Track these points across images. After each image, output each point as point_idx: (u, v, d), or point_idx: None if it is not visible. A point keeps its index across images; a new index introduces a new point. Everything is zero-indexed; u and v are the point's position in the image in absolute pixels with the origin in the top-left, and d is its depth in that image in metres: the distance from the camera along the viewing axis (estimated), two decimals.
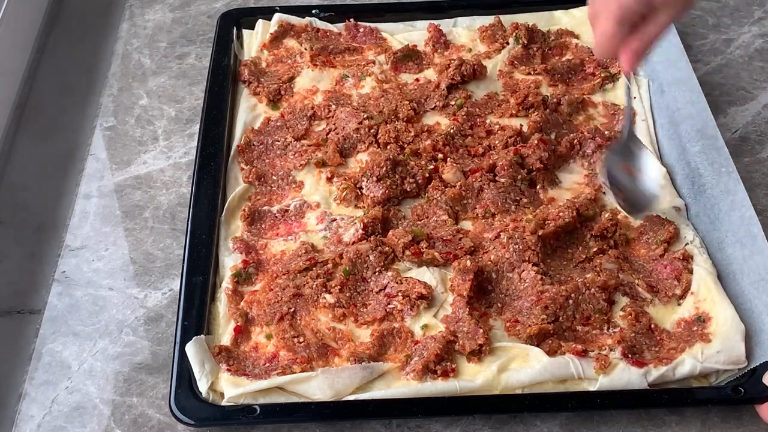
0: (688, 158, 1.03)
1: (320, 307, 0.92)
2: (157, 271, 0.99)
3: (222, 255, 0.97)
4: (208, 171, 1.03)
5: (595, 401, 0.84)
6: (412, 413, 0.84)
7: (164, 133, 1.15)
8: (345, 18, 1.25)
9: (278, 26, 1.22)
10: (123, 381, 0.90)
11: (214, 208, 0.99)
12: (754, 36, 1.28)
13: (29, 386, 0.89)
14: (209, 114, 1.10)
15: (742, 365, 0.86)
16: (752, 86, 1.20)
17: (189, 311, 0.89)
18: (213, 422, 0.83)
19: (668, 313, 0.92)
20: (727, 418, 0.86)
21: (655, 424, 0.86)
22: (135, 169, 1.10)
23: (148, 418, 0.87)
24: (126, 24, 1.31)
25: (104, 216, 1.05)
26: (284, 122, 1.11)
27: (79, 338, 0.93)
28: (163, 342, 0.92)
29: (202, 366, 0.85)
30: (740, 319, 0.88)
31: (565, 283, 0.93)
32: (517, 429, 0.85)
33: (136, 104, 1.19)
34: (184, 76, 1.23)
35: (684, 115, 1.07)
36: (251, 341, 0.90)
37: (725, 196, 0.97)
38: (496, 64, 1.18)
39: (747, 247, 0.93)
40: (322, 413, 0.84)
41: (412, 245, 0.96)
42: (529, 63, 1.19)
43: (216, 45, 1.19)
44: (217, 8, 1.33)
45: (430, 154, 1.05)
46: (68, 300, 0.96)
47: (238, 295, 0.93)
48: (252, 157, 1.08)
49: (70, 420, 0.87)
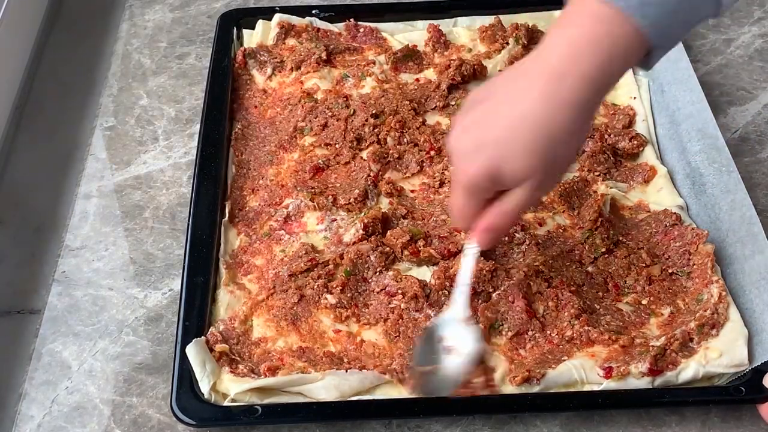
0: (688, 158, 1.04)
1: (322, 308, 0.92)
2: (157, 271, 0.99)
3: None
4: (208, 171, 1.03)
5: (596, 401, 0.84)
6: (412, 413, 0.84)
7: (164, 133, 1.15)
8: (345, 18, 1.25)
9: (279, 29, 1.22)
10: (123, 381, 0.89)
11: (214, 208, 0.99)
12: (754, 36, 1.28)
13: (29, 386, 0.89)
14: (209, 114, 1.10)
15: (744, 368, 0.86)
16: (752, 86, 1.20)
17: (189, 311, 0.89)
18: (214, 422, 0.83)
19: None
20: (727, 418, 0.86)
21: (655, 424, 0.86)
22: (135, 169, 1.10)
23: (148, 419, 0.87)
24: (126, 24, 1.31)
25: (104, 216, 1.05)
26: (274, 129, 1.11)
27: (79, 338, 0.93)
28: (164, 342, 0.92)
29: (203, 367, 0.85)
30: (742, 320, 0.88)
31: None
32: (517, 429, 0.85)
33: (136, 104, 1.19)
34: (184, 76, 1.23)
35: (684, 114, 1.07)
36: (258, 346, 0.89)
37: (725, 196, 0.97)
38: (496, 65, 1.18)
39: (747, 247, 0.93)
40: (323, 413, 0.84)
41: (410, 244, 0.96)
42: None
43: (216, 45, 1.19)
44: (217, 8, 1.33)
45: (428, 144, 1.06)
46: (68, 300, 0.96)
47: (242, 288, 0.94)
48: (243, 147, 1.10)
49: (70, 420, 0.87)
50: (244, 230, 1.00)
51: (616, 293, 0.93)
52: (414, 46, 1.21)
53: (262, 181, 1.06)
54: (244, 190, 1.05)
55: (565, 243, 0.98)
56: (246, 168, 1.07)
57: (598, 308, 0.91)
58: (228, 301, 0.92)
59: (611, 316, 0.91)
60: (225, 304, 0.92)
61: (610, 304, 0.92)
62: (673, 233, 0.97)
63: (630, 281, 0.94)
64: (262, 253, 0.98)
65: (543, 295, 0.91)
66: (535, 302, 0.91)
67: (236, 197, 1.03)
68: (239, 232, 1.00)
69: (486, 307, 0.90)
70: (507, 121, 0.74)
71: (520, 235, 0.97)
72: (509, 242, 0.97)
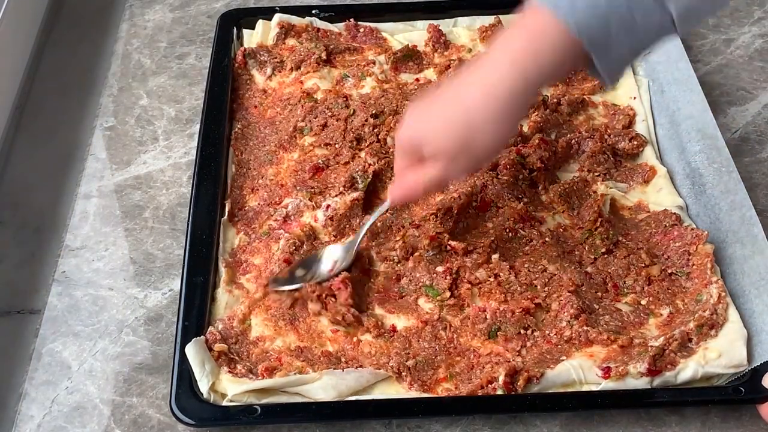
0: (688, 158, 1.03)
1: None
2: (157, 271, 0.99)
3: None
4: (208, 171, 1.03)
5: (595, 401, 0.84)
6: (412, 413, 0.84)
7: (164, 133, 1.15)
8: (345, 18, 1.25)
9: (279, 29, 1.22)
10: (123, 381, 0.90)
11: (214, 208, 0.99)
12: (754, 36, 1.28)
13: (29, 386, 0.89)
14: (209, 114, 1.10)
15: (744, 368, 0.86)
16: (752, 86, 1.20)
17: (189, 311, 0.89)
18: (214, 422, 0.83)
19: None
20: (727, 418, 0.86)
21: (655, 424, 0.86)
22: (135, 169, 1.10)
23: (148, 418, 0.87)
24: (126, 24, 1.31)
25: (104, 216, 1.05)
26: (274, 129, 1.11)
27: (79, 338, 0.93)
28: (163, 342, 0.92)
29: (203, 367, 0.85)
30: (742, 321, 0.88)
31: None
32: (517, 429, 0.85)
33: (136, 104, 1.19)
34: (184, 76, 1.23)
35: (684, 115, 1.07)
36: (256, 346, 0.89)
37: (725, 196, 0.97)
38: None
39: (747, 247, 0.93)
40: (323, 413, 0.84)
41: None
42: None
43: (216, 45, 1.19)
44: (217, 8, 1.33)
45: None
46: (68, 300, 0.96)
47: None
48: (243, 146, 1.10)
49: (70, 420, 0.87)
50: (243, 229, 1.00)
51: (615, 293, 0.93)
52: (414, 46, 1.21)
53: (261, 181, 1.06)
54: (244, 190, 1.05)
55: (565, 243, 0.98)
56: (246, 167, 1.07)
57: (597, 308, 0.91)
58: (227, 300, 0.92)
59: (610, 316, 0.91)
60: (224, 304, 0.92)
61: (609, 304, 0.92)
62: (672, 233, 0.97)
63: (629, 281, 0.94)
64: (260, 252, 0.98)
65: (544, 295, 0.92)
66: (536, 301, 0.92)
67: (236, 196, 1.03)
68: (238, 231, 1.00)
69: (485, 308, 0.90)
70: (440, 102, 0.83)
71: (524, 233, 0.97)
72: (514, 238, 0.97)
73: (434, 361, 0.87)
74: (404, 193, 0.89)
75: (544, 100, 1.11)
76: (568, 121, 1.12)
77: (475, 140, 0.81)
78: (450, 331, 0.90)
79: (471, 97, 0.80)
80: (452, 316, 0.91)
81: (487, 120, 0.79)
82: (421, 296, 0.93)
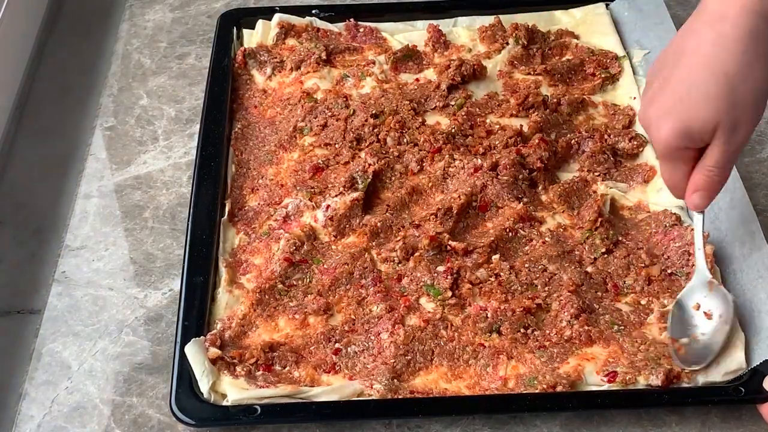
0: None
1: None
2: (157, 271, 0.99)
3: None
4: (208, 171, 1.03)
5: (595, 401, 0.84)
6: (412, 413, 0.84)
7: (164, 133, 1.15)
8: (345, 18, 1.25)
9: (279, 29, 1.22)
10: (123, 381, 0.90)
11: (214, 208, 0.99)
12: None
13: (29, 386, 0.89)
14: (209, 114, 1.10)
15: (742, 371, 0.86)
16: None
17: (189, 311, 0.89)
18: (214, 422, 0.83)
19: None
20: (727, 418, 0.86)
21: (655, 424, 0.86)
22: (135, 169, 1.10)
23: (148, 418, 0.87)
24: (126, 24, 1.31)
25: (104, 216, 1.05)
26: (274, 129, 1.12)
27: (79, 338, 0.93)
28: (163, 342, 0.92)
29: (203, 367, 0.85)
30: (740, 321, 0.88)
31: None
32: (517, 429, 0.85)
33: (136, 104, 1.19)
34: (184, 76, 1.23)
35: None
36: (256, 345, 0.89)
37: (724, 195, 0.97)
38: (496, 65, 1.18)
39: (746, 246, 0.93)
40: (323, 413, 0.84)
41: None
42: (529, 63, 1.19)
43: (216, 45, 1.19)
44: (217, 8, 1.33)
45: (428, 144, 1.06)
46: (68, 300, 0.96)
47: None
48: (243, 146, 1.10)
49: (70, 420, 0.87)
50: (243, 229, 1.00)
51: (615, 293, 0.93)
52: (414, 46, 1.21)
53: (261, 181, 1.06)
54: (244, 190, 1.05)
55: (565, 243, 0.98)
56: (246, 167, 1.07)
57: (598, 308, 0.91)
58: (227, 300, 0.92)
59: (610, 316, 0.91)
60: (224, 304, 0.92)
61: (609, 304, 0.92)
62: (672, 233, 0.97)
63: (629, 281, 0.94)
64: (260, 252, 0.98)
65: (544, 295, 0.92)
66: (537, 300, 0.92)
67: (236, 196, 1.03)
68: (238, 231, 1.00)
69: (486, 308, 0.91)
70: (683, 78, 0.76)
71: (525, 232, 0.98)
72: (514, 238, 0.97)
73: (433, 357, 0.88)
74: (707, 194, 0.81)
75: (544, 100, 1.11)
76: (568, 121, 1.12)
77: (740, 93, 0.74)
78: (451, 330, 0.90)
79: (716, 55, 0.74)
80: (453, 316, 0.91)
81: (741, 64, 0.73)
82: (423, 296, 0.93)
